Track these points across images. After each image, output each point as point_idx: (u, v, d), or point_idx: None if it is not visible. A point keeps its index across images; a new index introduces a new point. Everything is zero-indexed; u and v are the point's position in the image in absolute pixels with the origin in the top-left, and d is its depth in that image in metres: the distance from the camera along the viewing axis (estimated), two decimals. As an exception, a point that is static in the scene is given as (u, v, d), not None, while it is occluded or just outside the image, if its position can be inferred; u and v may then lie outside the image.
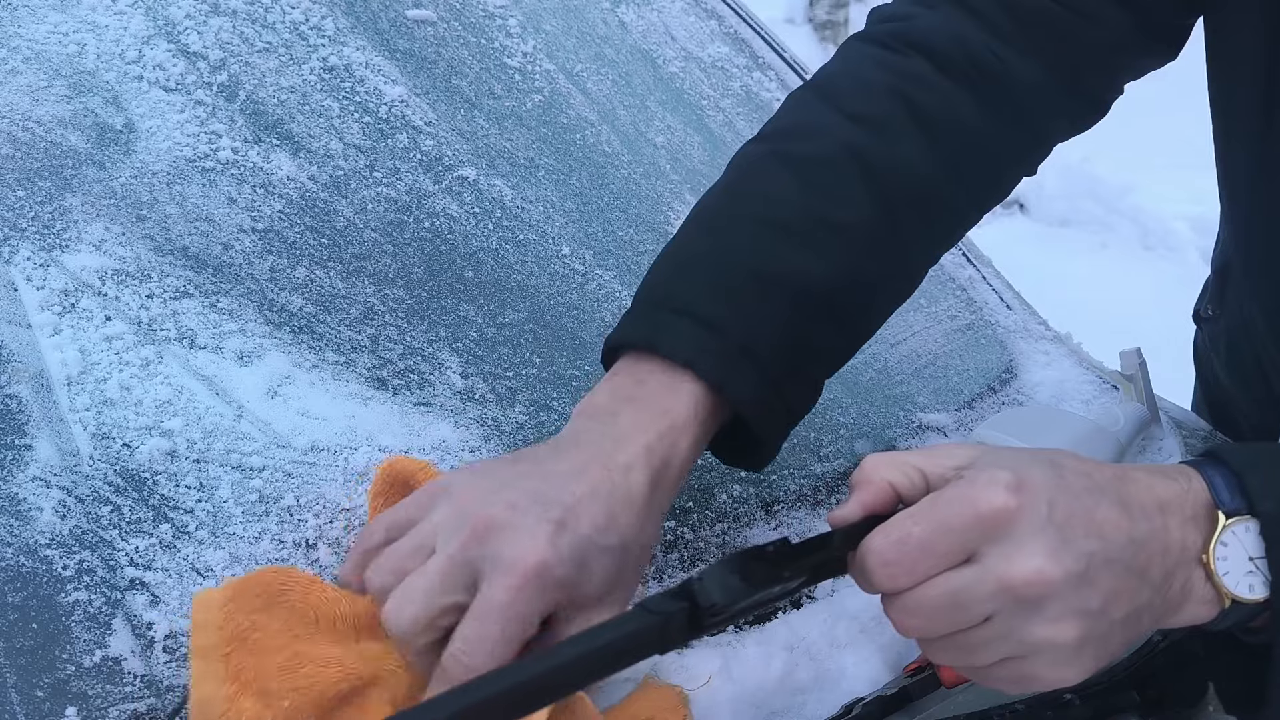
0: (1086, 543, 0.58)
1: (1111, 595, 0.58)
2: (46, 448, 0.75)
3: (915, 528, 0.58)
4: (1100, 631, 0.58)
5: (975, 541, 0.57)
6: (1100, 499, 0.59)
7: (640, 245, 1.05)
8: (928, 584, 0.58)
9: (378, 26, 1.09)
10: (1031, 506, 0.57)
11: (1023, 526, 0.57)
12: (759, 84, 1.31)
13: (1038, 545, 0.57)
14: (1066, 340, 1.17)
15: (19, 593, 0.69)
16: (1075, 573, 0.57)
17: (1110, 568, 0.58)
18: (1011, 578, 0.56)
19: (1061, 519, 0.57)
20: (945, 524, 0.58)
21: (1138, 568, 0.59)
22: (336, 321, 0.88)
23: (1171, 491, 0.61)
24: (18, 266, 0.82)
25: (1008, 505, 0.57)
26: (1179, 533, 0.60)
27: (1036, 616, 0.57)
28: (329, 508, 0.79)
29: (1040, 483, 0.58)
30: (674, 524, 0.87)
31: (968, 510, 0.57)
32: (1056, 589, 0.56)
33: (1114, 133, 2.16)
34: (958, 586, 0.57)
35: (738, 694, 0.76)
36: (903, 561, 0.58)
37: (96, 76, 0.93)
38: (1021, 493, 0.57)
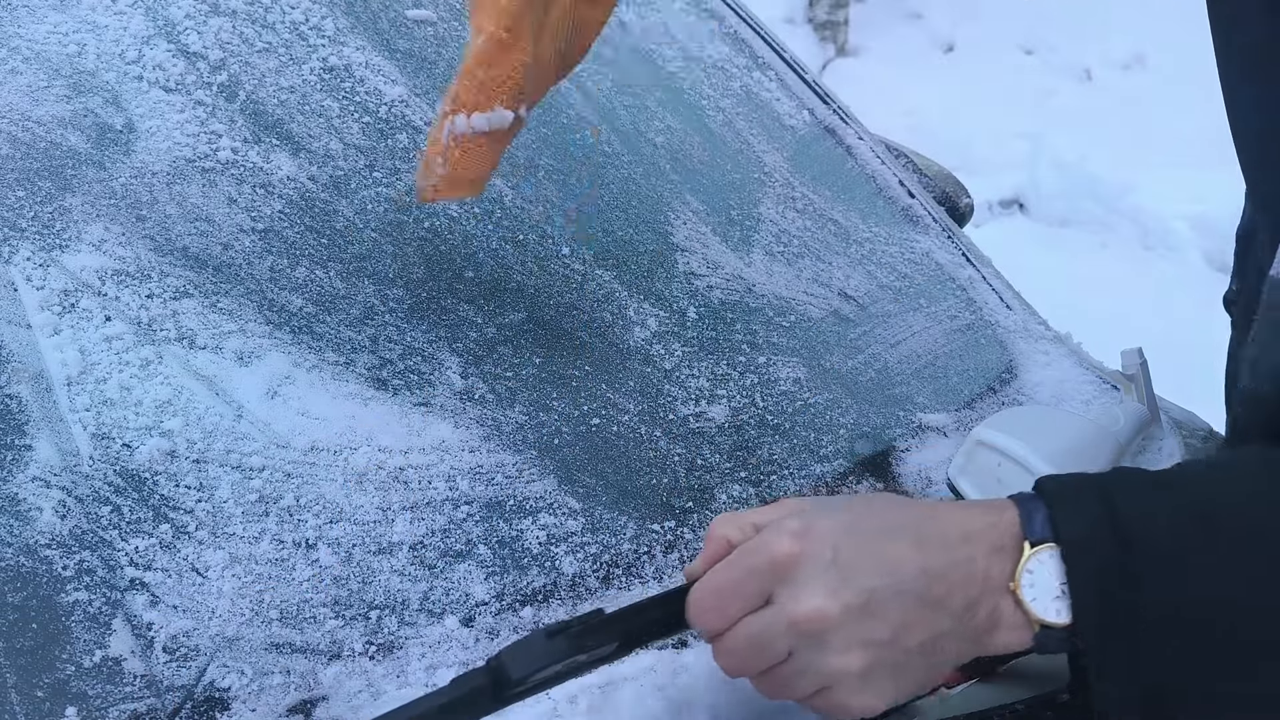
0: (869, 579, 0.63)
1: (901, 626, 0.63)
2: (46, 448, 0.75)
3: (723, 574, 0.65)
4: (892, 659, 0.63)
5: (769, 584, 0.64)
6: (893, 538, 0.64)
7: (640, 245, 1.05)
8: (736, 626, 0.64)
9: (378, 26, 1.09)
10: (814, 551, 0.63)
11: (805, 569, 0.63)
12: (759, 84, 1.31)
13: (818, 585, 0.62)
14: (1066, 340, 1.17)
15: (19, 593, 0.69)
16: (855, 606, 0.62)
17: (899, 599, 0.63)
18: (796, 615, 0.62)
19: (844, 560, 0.63)
20: (746, 569, 0.64)
21: (933, 598, 0.63)
22: (336, 321, 0.88)
23: (980, 524, 0.65)
24: (18, 266, 0.82)
25: (791, 551, 0.63)
26: (984, 562, 0.64)
27: (825, 649, 0.63)
28: (329, 508, 0.79)
29: (825, 528, 0.64)
30: (674, 524, 0.87)
31: (762, 556, 0.64)
32: (837, 622, 0.62)
33: (1114, 132, 2.17)
34: (758, 627, 0.64)
35: (738, 694, 0.76)
36: (715, 606, 0.65)
37: (96, 76, 0.93)
38: (805, 539, 0.63)
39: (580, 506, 0.85)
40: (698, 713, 0.75)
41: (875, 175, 1.28)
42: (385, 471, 0.81)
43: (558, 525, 0.84)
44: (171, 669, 0.69)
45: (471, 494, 0.83)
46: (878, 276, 1.15)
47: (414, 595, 0.77)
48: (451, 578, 0.79)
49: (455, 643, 0.76)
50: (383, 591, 0.77)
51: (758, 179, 1.19)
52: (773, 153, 1.23)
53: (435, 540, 0.80)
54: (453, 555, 0.80)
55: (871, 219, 1.22)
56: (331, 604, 0.75)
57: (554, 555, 0.82)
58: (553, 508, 0.84)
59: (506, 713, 0.72)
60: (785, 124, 1.28)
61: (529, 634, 0.65)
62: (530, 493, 0.85)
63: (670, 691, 0.75)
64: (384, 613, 0.76)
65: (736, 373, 0.98)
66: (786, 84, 1.33)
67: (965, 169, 1.62)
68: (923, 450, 1.01)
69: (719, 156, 1.18)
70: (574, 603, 0.80)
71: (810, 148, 1.27)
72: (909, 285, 1.16)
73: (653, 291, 1.02)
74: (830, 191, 1.23)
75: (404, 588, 0.77)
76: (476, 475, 0.84)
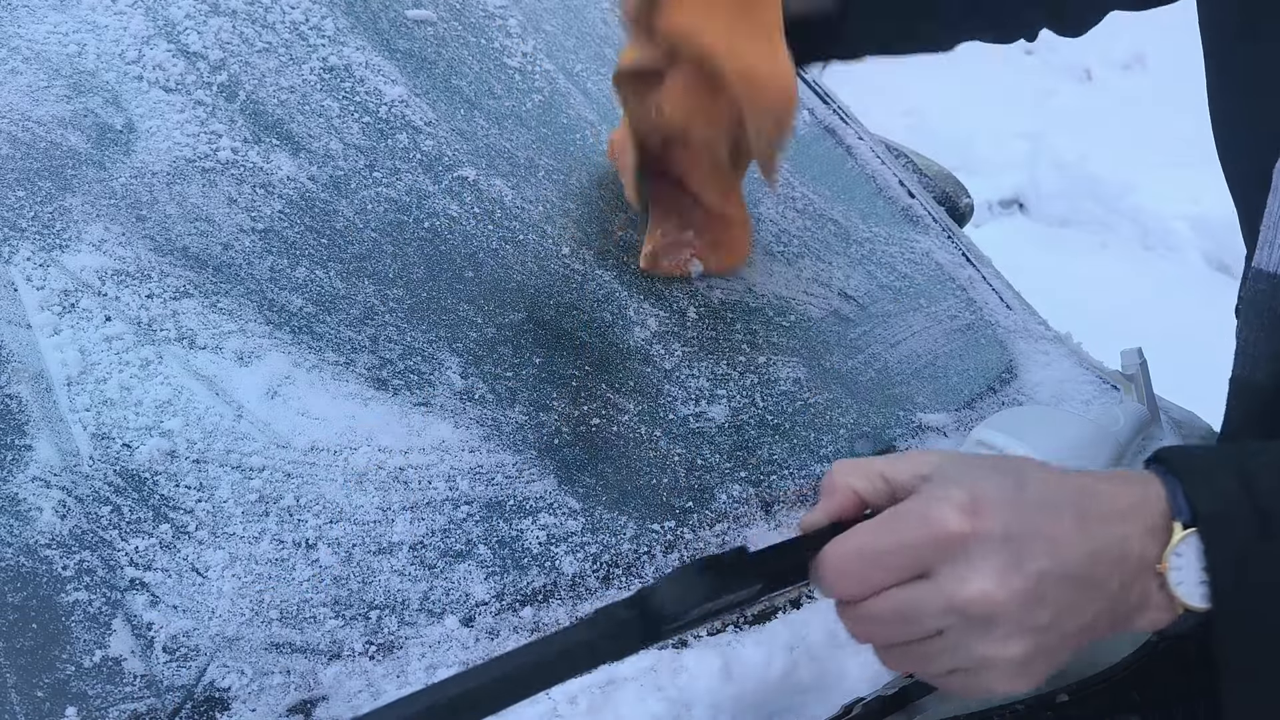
0: (1039, 561, 0.58)
1: (1063, 610, 0.59)
2: (46, 448, 0.75)
3: (870, 541, 0.60)
4: (1050, 645, 0.59)
5: (928, 560, 0.58)
6: (1058, 513, 0.60)
7: (640, 245, 1.05)
8: (880, 596, 0.59)
9: (378, 26, 1.09)
10: (985, 527, 0.58)
11: (975, 547, 0.58)
12: (759, 84, 1.31)
13: (988, 566, 0.57)
14: (1066, 340, 1.17)
15: (19, 593, 0.69)
16: (1025, 591, 0.58)
17: (1063, 584, 0.59)
18: (961, 598, 0.57)
19: (1015, 537, 0.58)
20: (899, 540, 0.59)
21: (1094, 580, 0.60)
22: (336, 321, 0.88)
23: (1130, 500, 0.61)
24: (18, 266, 0.82)
25: (961, 527, 0.58)
26: (1138, 543, 0.61)
27: (986, 635, 0.58)
28: (329, 508, 0.79)
29: (996, 501, 0.59)
30: (674, 524, 0.87)
31: (922, 529, 0.58)
32: (1005, 610, 0.58)
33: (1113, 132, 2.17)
34: (909, 602, 0.59)
35: (738, 694, 0.77)
36: (856, 573, 0.60)
37: (96, 76, 0.93)
38: (976, 514, 0.58)
39: (580, 506, 0.85)
40: (698, 713, 0.75)
41: (875, 175, 1.28)
42: (385, 471, 0.81)
43: (558, 525, 0.84)
44: (171, 669, 0.69)
45: (471, 494, 0.83)
46: (878, 276, 1.15)
47: (414, 595, 0.77)
48: (451, 578, 0.79)
49: (455, 643, 0.76)
50: (383, 591, 0.77)
51: (758, 179, 1.18)
52: (773, 153, 1.23)
53: (435, 540, 0.80)
54: (453, 555, 0.80)
55: (871, 219, 1.22)
56: (331, 604, 0.75)
57: (554, 555, 0.82)
58: (553, 508, 0.84)
59: (504, 710, 0.72)
60: (785, 124, 1.28)
61: (678, 568, 0.60)
62: (530, 493, 0.85)
63: (670, 691, 0.75)
64: (384, 613, 0.76)
65: (736, 373, 0.98)
66: (786, 84, 1.33)
67: (965, 169, 1.62)
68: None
69: (719, 156, 1.18)
70: (574, 603, 0.80)
71: (810, 148, 1.27)
72: (909, 285, 1.16)
73: (653, 291, 1.02)
74: (830, 191, 1.23)
75: (404, 588, 0.77)
76: (476, 475, 0.84)
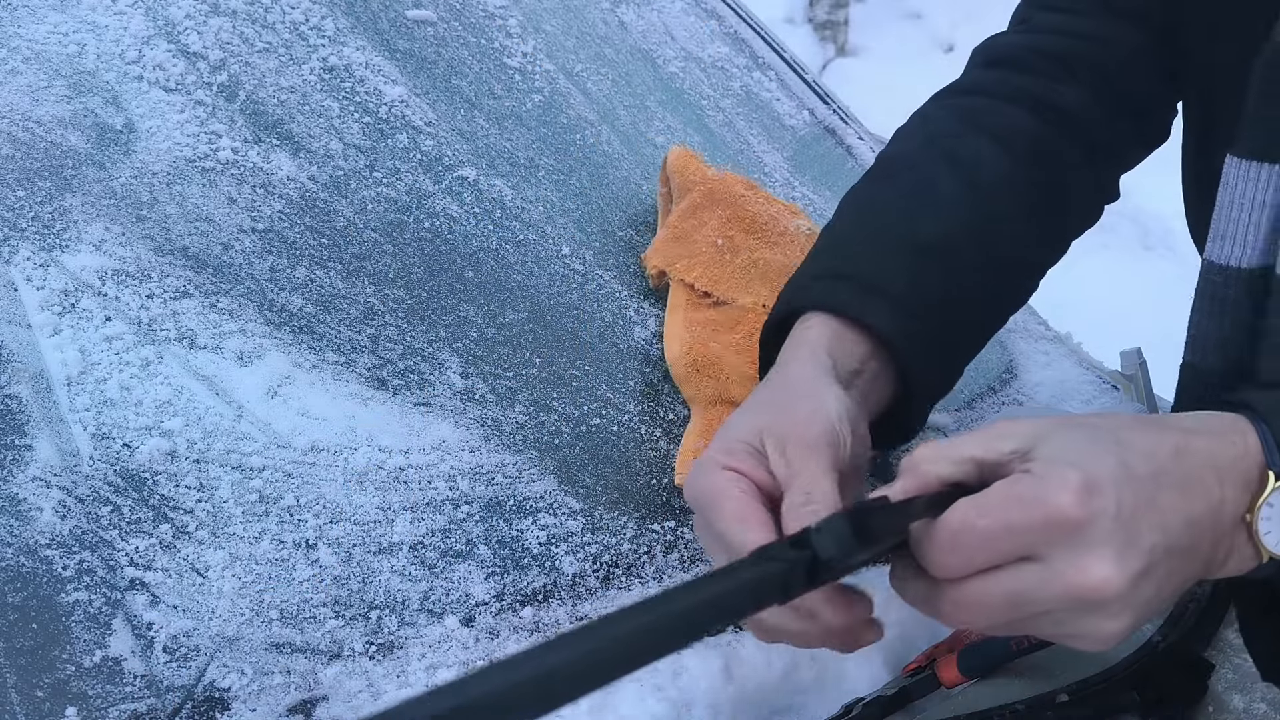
0: (1150, 536, 0.56)
1: (1165, 579, 0.58)
2: (46, 448, 0.75)
3: (979, 521, 0.56)
4: (1150, 612, 0.58)
5: (1039, 544, 0.56)
6: (1163, 484, 0.58)
7: (640, 245, 1.05)
8: (988, 579, 0.57)
9: (378, 26, 1.09)
10: (1101, 509, 0.55)
11: (1091, 531, 0.55)
12: (759, 84, 1.31)
13: (1106, 551, 0.55)
14: (1066, 340, 1.17)
15: (19, 593, 0.69)
16: (1138, 572, 0.56)
17: (1170, 556, 0.57)
18: (1079, 584, 0.55)
19: (1128, 515, 0.56)
20: (1010, 523, 0.56)
21: (1194, 547, 0.59)
22: (336, 321, 0.88)
23: (1230, 456, 0.60)
24: (18, 266, 0.81)
25: (1078, 512, 0.55)
26: (1235, 504, 0.59)
27: (1097, 615, 0.57)
28: (329, 508, 0.79)
29: (1109, 479, 0.56)
30: (674, 524, 0.87)
31: (1036, 513, 0.55)
32: (1121, 592, 0.56)
33: (1114, 133, 2.16)
34: (1020, 588, 0.56)
35: (738, 694, 0.77)
36: (960, 553, 0.57)
37: (96, 76, 0.93)
38: (1092, 497, 0.55)
39: (580, 506, 0.85)
40: (698, 713, 0.75)
41: (875, 175, 1.28)
42: (385, 471, 0.81)
43: (558, 525, 0.84)
44: (171, 669, 0.69)
45: (471, 494, 0.83)
46: (878, 276, 1.15)
47: (414, 595, 0.77)
48: (452, 578, 0.79)
49: (455, 643, 0.76)
50: (383, 591, 0.77)
51: (758, 179, 1.18)
52: (773, 153, 1.23)
53: (435, 540, 0.80)
54: (453, 555, 0.80)
55: (871, 219, 1.22)
56: (331, 604, 0.75)
57: (554, 555, 0.82)
58: (553, 508, 0.84)
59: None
60: (785, 124, 1.28)
61: (836, 513, 0.56)
62: (530, 493, 0.85)
63: (670, 691, 0.75)
64: (384, 613, 0.76)
65: (736, 373, 0.98)
66: (786, 84, 1.33)
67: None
68: (923, 450, 1.01)
69: (719, 156, 1.18)
70: (574, 603, 0.80)
71: (810, 148, 1.27)
72: (909, 285, 1.16)
73: (653, 291, 1.02)
74: (830, 191, 1.23)
75: (404, 588, 0.77)
76: (476, 475, 0.84)
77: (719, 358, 0.91)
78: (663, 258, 0.99)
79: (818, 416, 0.68)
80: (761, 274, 0.97)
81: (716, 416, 0.89)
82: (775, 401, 0.72)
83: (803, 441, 0.67)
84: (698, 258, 0.97)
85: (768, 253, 0.98)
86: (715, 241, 0.98)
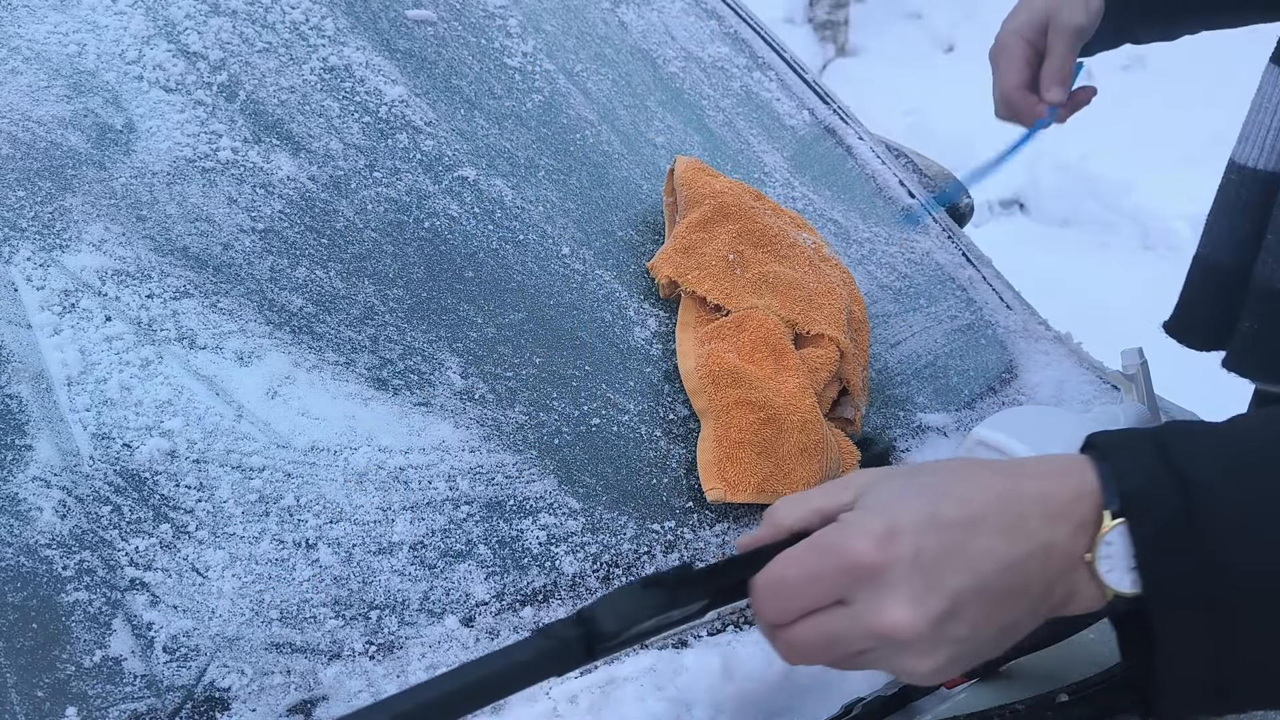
0: (955, 579, 0.59)
1: (982, 620, 0.60)
2: (46, 448, 0.75)
3: (788, 571, 0.62)
4: (969, 650, 0.61)
5: (844, 588, 0.60)
6: (977, 530, 0.60)
7: (640, 245, 1.05)
8: (805, 623, 0.61)
9: (378, 26, 1.09)
10: (898, 555, 0.59)
11: (888, 576, 0.59)
12: (759, 84, 1.31)
13: (902, 594, 0.59)
14: (1066, 340, 1.17)
15: (19, 593, 0.69)
16: (940, 613, 0.59)
17: (981, 598, 0.60)
18: (878, 625, 0.59)
19: (928, 560, 0.59)
20: (814, 573, 0.61)
21: (1015, 588, 0.60)
22: (336, 321, 0.88)
23: (1062, 498, 0.61)
24: (18, 266, 0.82)
25: (874, 559, 0.59)
26: (1066, 543, 0.61)
27: (905, 652, 0.60)
28: (329, 508, 0.79)
29: (911, 527, 0.60)
30: (674, 524, 0.87)
31: (837, 561, 0.60)
32: (920, 633, 0.59)
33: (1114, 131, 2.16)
34: (832, 630, 0.61)
35: (738, 694, 0.77)
36: (777, 602, 0.62)
37: (96, 76, 0.93)
38: (889, 543, 0.59)
39: (580, 506, 0.85)
40: (698, 713, 0.75)
41: (875, 175, 1.28)
42: (385, 471, 0.81)
43: (558, 525, 0.84)
44: (171, 669, 0.69)
45: (471, 494, 0.83)
46: (878, 276, 1.15)
47: (414, 595, 0.77)
48: (452, 578, 0.79)
49: (455, 643, 0.76)
50: (383, 591, 0.77)
51: (758, 179, 1.19)
52: (773, 153, 1.23)
53: (435, 540, 0.80)
54: (453, 555, 0.80)
55: (871, 219, 1.22)
56: (332, 604, 0.75)
57: (554, 555, 0.82)
58: (553, 508, 0.84)
59: (504, 710, 0.72)
60: (785, 124, 1.28)
61: (622, 586, 0.62)
62: (530, 493, 0.85)
63: (670, 691, 0.75)
64: (384, 613, 0.76)
65: (736, 373, 0.98)
66: (786, 84, 1.33)
67: (965, 169, 1.62)
68: (923, 450, 1.01)
69: (719, 156, 1.18)
70: (574, 603, 0.80)
71: (810, 148, 1.27)
72: (909, 285, 1.16)
73: (653, 291, 1.02)
74: (830, 191, 1.23)
75: (404, 588, 0.77)
76: (476, 475, 0.84)
77: (736, 367, 0.91)
78: (674, 268, 0.99)
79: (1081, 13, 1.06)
80: (771, 287, 0.98)
81: (736, 420, 0.89)
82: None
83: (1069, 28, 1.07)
84: (708, 269, 0.98)
85: (777, 266, 1.00)
86: (726, 256, 0.99)
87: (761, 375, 0.91)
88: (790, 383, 0.91)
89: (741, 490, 0.87)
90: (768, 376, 0.91)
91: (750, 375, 0.91)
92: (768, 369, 0.92)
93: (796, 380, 0.91)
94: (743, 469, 0.87)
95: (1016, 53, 1.11)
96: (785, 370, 0.92)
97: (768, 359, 0.93)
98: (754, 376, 0.91)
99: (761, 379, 0.91)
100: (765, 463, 0.88)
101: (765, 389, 0.90)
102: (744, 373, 0.91)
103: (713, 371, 0.91)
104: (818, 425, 0.90)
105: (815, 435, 0.89)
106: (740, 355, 0.93)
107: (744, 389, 0.90)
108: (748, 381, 0.90)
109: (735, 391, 0.90)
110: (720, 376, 0.91)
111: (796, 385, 0.91)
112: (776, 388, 0.91)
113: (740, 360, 0.92)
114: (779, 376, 0.92)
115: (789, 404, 0.89)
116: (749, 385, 0.90)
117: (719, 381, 0.91)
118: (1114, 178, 3.97)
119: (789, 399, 0.90)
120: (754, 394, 0.89)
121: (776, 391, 0.90)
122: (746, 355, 0.93)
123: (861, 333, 1.03)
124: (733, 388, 0.90)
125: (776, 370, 0.92)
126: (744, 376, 0.90)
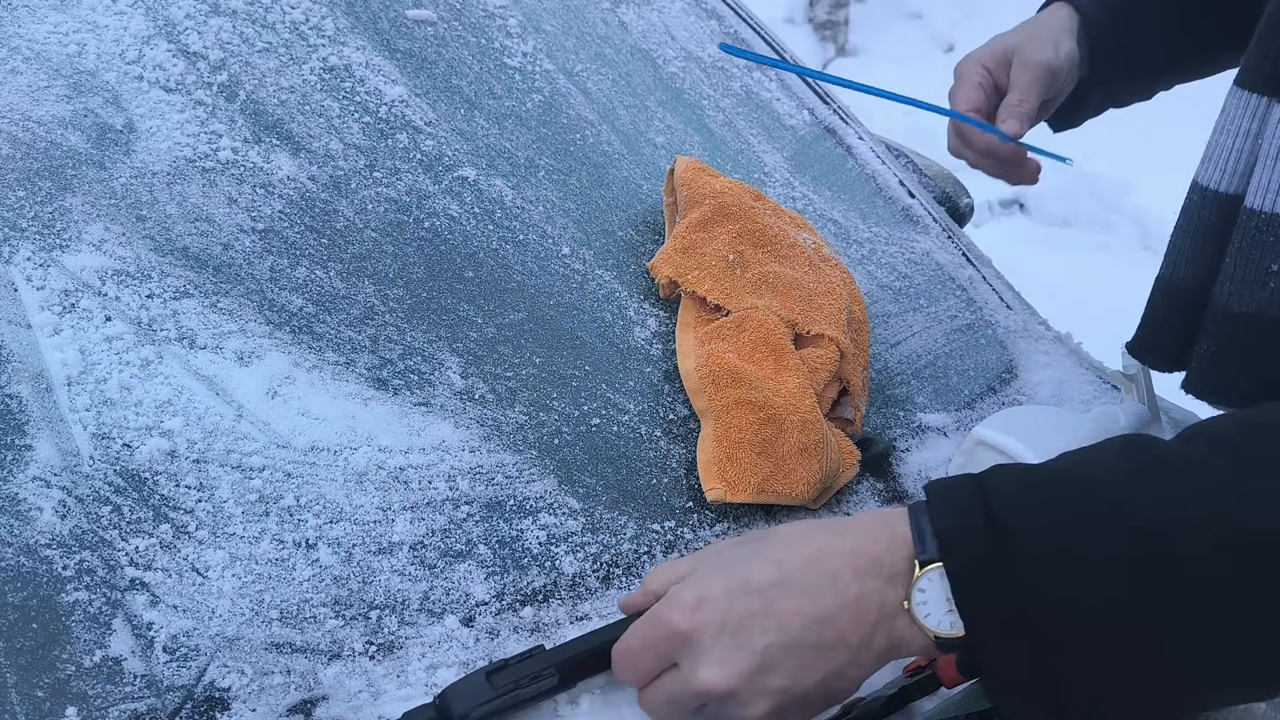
0: (763, 638, 0.66)
1: (798, 671, 0.66)
2: (46, 448, 0.75)
3: (632, 641, 0.70)
4: (795, 698, 0.67)
5: (671, 653, 0.68)
6: (784, 593, 0.67)
7: (640, 245, 1.06)
8: (652, 685, 0.70)
9: (378, 26, 1.09)
10: (707, 621, 0.67)
11: (700, 640, 0.67)
12: (759, 84, 1.31)
13: (713, 657, 0.66)
14: (1066, 340, 1.17)
15: (19, 593, 0.69)
16: (752, 668, 0.66)
17: (791, 652, 0.66)
18: (697, 684, 0.67)
19: (735, 624, 0.66)
20: (645, 640, 0.69)
21: (826, 642, 0.66)
22: (336, 321, 0.88)
23: (871, 554, 0.67)
24: (18, 266, 0.82)
25: (683, 626, 0.67)
26: (878, 596, 0.66)
27: (732, 704, 0.67)
28: (329, 508, 0.79)
29: (721, 595, 0.67)
30: (674, 524, 0.87)
31: (658, 630, 0.68)
32: (737, 686, 0.66)
33: (1114, 132, 2.16)
34: (670, 690, 0.69)
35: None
36: (627, 668, 0.71)
37: (96, 76, 0.93)
38: (697, 611, 0.67)
39: (580, 506, 0.85)
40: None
41: (875, 175, 1.28)
42: (385, 471, 0.81)
43: (558, 525, 0.84)
44: (171, 669, 0.69)
45: (471, 494, 0.83)
46: (878, 276, 1.16)
47: (414, 595, 0.77)
48: (451, 578, 0.79)
49: (455, 642, 0.76)
50: (383, 591, 0.77)
51: (758, 179, 1.19)
52: (773, 153, 1.23)
53: (435, 540, 0.80)
54: (453, 555, 0.80)
55: (871, 219, 1.22)
56: (331, 604, 0.75)
57: (554, 555, 0.82)
58: (553, 508, 0.84)
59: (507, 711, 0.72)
60: (785, 124, 1.28)
61: (472, 672, 0.70)
62: (530, 493, 0.85)
63: (670, 691, 0.75)
64: (384, 613, 0.76)
65: (736, 373, 0.98)
66: (786, 84, 1.33)
67: (965, 169, 1.62)
68: (923, 450, 1.01)
69: (719, 156, 1.18)
70: (574, 603, 0.80)
71: (810, 148, 1.27)
72: (909, 285, 1.16)
73: (653, 291, 1.02)
74: (830, 191, 1.23)
75: (404, 588, 0.77)
76: (476, 475, 0.84)
77: (736, 367, 0.91)
78: (674, 268, 0.99)
79: (1050, 50, 1.05)
80: (771, 287, 0.98)
81: (736, 420, 0.89)
82: (1027, 31, 1.09)
83: (1034, 63, 1.05)
84: (708, 269, 0.98)
85: (777, 266, 0.99)
86: (726, 256, 0.99)
87: (761, 375, 0.91)
88: (790, 383, 0.91)
89: (741, 490, 0.87)
90: (768, 376, 0.91)
91: (750, 375, 0.91)
92: (768, 369, 0.92)
93: (796, 380, 0.91)
94: (743, 469, 0.87)
95: (972, 79, 1.10)
96: (785, 370, 0.92)
97: (768, 359, 0.93)
98: (754, 376, 0.91)
99: (761, 379, 0.91)
100: (765, 463, 0.88)
101: (765, 389, 0.90)
102: (744, 373, 0.91)
103: (713, 371, 0.91)
104: (818, 425, 0.90)
105: (815, 435, 0.89)
106: (740, 355, 0.93)
107: (744, 389, 0.90)
108: (748, 381, 0.90)
109: (735, 391, 0.90)
110: (720, 376, 0.91)
111: (796, 385, 0.91)
112: (776, 388, 0.91)
113: (740, 360, 0.92)
114: (779, 376, 0.92)
115: (789, 404, 0.89)
116: (749, 385, 0.90)
117: (719, 381, 0.91)
118: (1114, 178, 3.97)
119: (789, 399, 0.90)
120: (754, 394, 0.89)
121: (776, 391, 0.90)
122: (746, 355, 0.93)
123: (861, 333, 1.03)
124: (733, 388, 0.90)
125: (776, 370, 0.92)
126: (744, 376, 0.90)
